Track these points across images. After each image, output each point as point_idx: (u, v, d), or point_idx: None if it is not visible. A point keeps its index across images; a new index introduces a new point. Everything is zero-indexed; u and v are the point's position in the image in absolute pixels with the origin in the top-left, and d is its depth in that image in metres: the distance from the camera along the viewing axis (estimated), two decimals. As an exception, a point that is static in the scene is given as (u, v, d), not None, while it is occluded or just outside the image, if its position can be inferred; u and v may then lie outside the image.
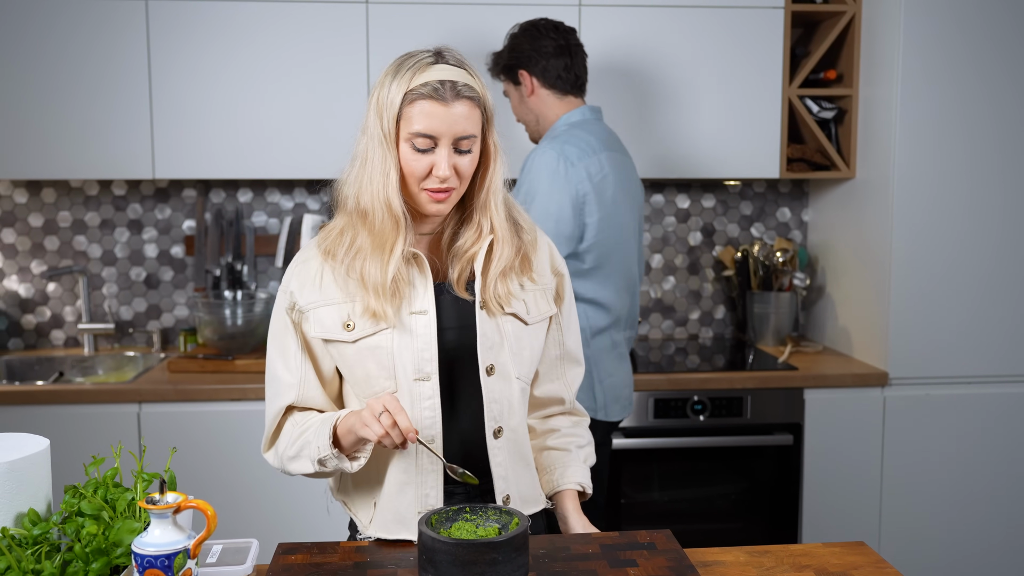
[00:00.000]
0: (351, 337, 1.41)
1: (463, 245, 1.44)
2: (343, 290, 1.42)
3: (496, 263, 1.43)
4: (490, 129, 1.42)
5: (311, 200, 3.13)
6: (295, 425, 1.45)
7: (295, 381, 1.44)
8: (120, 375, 2.97)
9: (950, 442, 2.77)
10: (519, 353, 1.46)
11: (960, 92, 2.68)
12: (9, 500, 1.20)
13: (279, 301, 1.47)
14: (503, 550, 1.21)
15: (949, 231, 2.72)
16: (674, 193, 3.26)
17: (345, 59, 2.73)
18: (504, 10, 2.75)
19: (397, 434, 1.30)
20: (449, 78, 1.35)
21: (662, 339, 3.29)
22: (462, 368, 1.44)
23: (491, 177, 1.43)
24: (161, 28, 2.69)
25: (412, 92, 1.35)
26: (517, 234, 1.48)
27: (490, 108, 1.41)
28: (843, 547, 1.48)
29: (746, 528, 2.78)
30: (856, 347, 2.93)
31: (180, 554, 1.13)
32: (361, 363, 1.42)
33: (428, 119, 1.34)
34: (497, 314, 1.44)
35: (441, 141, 1.36)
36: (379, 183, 1.37)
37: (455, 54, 1.40)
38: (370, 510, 1.47)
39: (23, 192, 3.05)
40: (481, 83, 1.40)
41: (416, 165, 1.36)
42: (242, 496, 2.55)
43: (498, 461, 1.45)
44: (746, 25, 2.84)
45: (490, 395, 1.44)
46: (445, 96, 1.34)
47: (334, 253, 1.43)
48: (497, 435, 1.45)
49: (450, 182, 1.37)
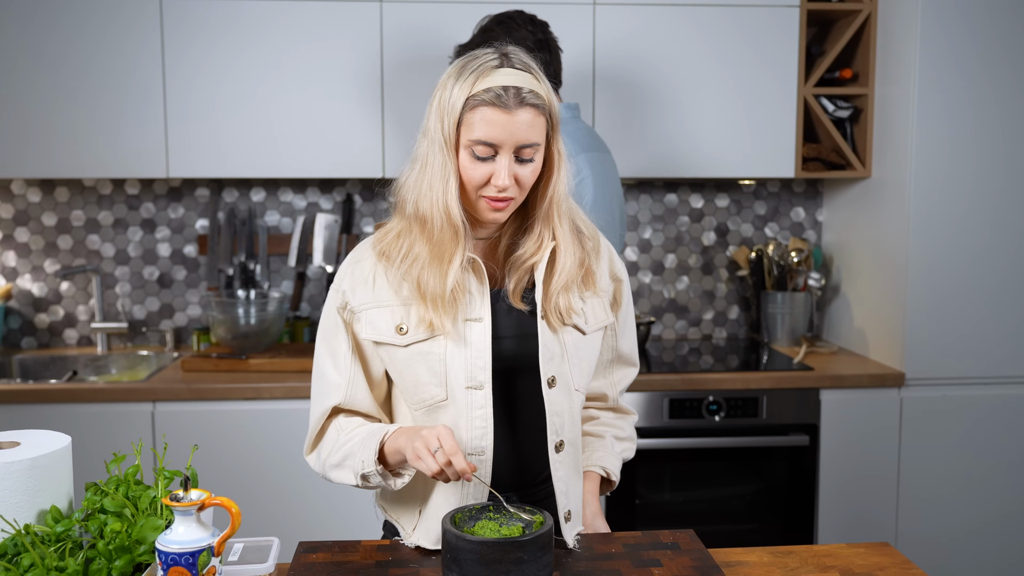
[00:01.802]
0: (403, 341, 1.37)
1: (523, 255, 1.39)
2: (397, 293, 1.39)
3: (558, 276, 1.38)
4: (555, 136, 1.35)
5: (324, 199, 3.13)
6: (340, 431, 1.41)
7: (343, 382, 1.41)
8: (133, 374, 2.97)
9: (967, 443, 2.76)
10: (579, 364, 1.43)
11: (977, 91, 2.66)
12: (31, 497, 1.20)
13: (330, 299, 1.44)
14: (529, 549, 1.20)
15: (966, 230, 2.71)
16: (688, 193, 3.25)
17: (359, 58, 2.72)
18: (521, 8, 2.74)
19: (452, 472, 1.25)
20: (513, 84, 1.29)
21: (675, 339, 3.27)
22: (520, 378, 1.41)
23: (554, 186, 1.37)
24: (175, 27, 2.68)
25: (474, 97, 1.29)
26: (580, 244, 1.43)
27: (556, 115, 1.35)
28: (868, 548, 1.46)
29: (762, 529, 2.76)
30: (872, 347, 2.91)
31: (204, 551, 1.12)
32: (412, 368, 1.38)
33: (489, 127, 1.28)
34: (558, 326, 1.40)
35: (502, 149, 1.30)
36: (439, 190, 1.32)
37: (522, 56, 1.34)
38: (414, 517, 1.44)
39: (37, 191, 3.05)
40: (548, 88, 1.33)
41: (475, 173, 1.31)
42: (257, 494, 2.55)
43: (559, 476, 1.41)
44: (761, 24, 2.83)
45: (552, 407, 1.39)
46: (508, 103, 1.28)
47: (389, 255, 1.39)
48: (559, 449, 1.41)
49: (510, 191, 1.32)
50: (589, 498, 1.52)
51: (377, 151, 2.76)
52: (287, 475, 2.54)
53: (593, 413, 1.61)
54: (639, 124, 2.82)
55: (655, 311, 3.28)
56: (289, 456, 2.53)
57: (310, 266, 3.09)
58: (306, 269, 3.09)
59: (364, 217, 3.13)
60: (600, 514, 1.52)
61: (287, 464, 2.54)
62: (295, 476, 2.54)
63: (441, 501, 1.40)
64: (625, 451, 1.61)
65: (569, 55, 2.78)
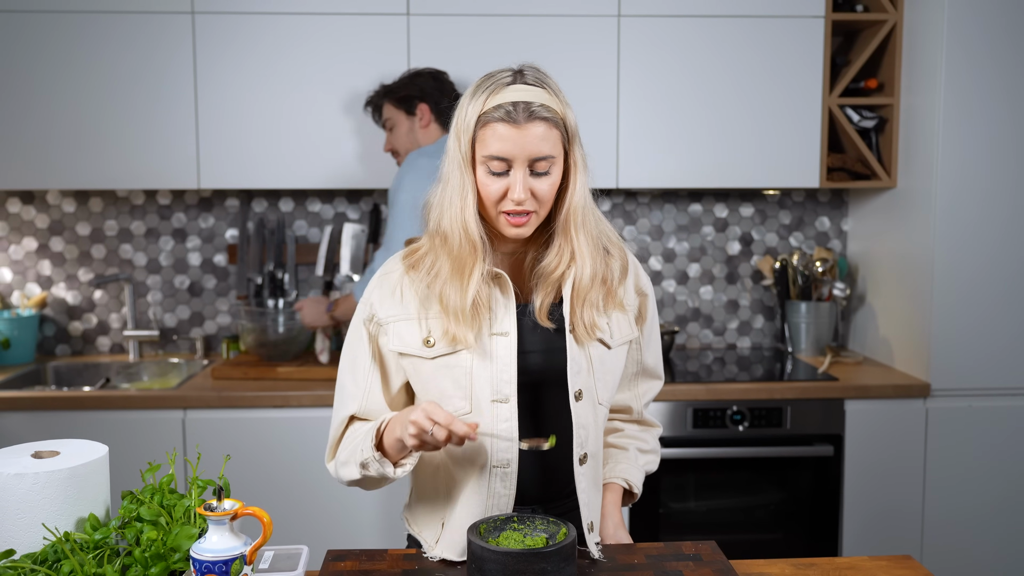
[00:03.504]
0: (430, 354, 1.40)
1: (545, 267, 1.40)
2: (424, 306, 1.41)
3: (577, 288, 1.39)
4: (572, 148, 1.37)
5: (351, 209, 3.17)
6: (352, 432, 1.45)
7: (359, 392, 1.45)
8: (164, 381, 3.02)
9: (994, 454, 2.74)
10: (603, 378, 1.45)
11: (1003, 100, 2.65)
12: (71, 505, 1.23)
13: (358, 312, 1.47)
14: (552, 560, 1.22)
15: (992, 240, 2.70)
16: (712, 202, 3.26)
17: (386, 70, 2.76)
18: (544, 21, 2.77)
19: (457, 440, 1.28)
20: (523, 99, 1.32)
21: (700, 348, 3.28)
22: (546, 392, 1.43)
23: (570, 197, 1.38)
24: (207, 42, 2.74)
25: (485, 114, 1.32)
26: (604, 261, 1.44)
27: (572, 126, 1.37)
28: (890, 560, 1.47)
29: (786, 539, 2.76)
30: (897, 358, 2.90)
31: (237, 560, 1.15)
32: (436, 380, 1.40)
33: (501, 142, 1.31)
34: (584, 340, 1.41)
35: (515, 164, 1.32)
36: (457, 206, 1.35)
37: (535, 73, 1.36)
38: (436, 529, 1.45)
39: (71, 201, 3.11)
40: (562, 101, 1.36)
41: (492, 188, 1.34)
42: (285, 501, 2.59)
43: (583, 487, 1.44)
44: (787, 35, 2.83)
45: (578, 420, 1.41)
46: (518, 118, 1.31)
47: (416, 269, 1.42)
48: (583, 461, 1.43)
49: (527, 205, 1.34)
50: (611, 509, 1.53)
51: (404, 162, 2.79)
52: (314, 483, 2.58)
53: (618, 425, 1.63)
54: (664, 135, 2.84)
55: (679, 320, 3.29)
56: (316, 464, 2.56)
57: (337, 275, 3.13)
58: (333, 278, 3.13)
59: (390, 227, 3.16)
60: (622, 525, 1.54)
61: (314, 472, 2.57)
62: (322, 484, 2.58)
63: (463, 512, 1.42)
64: (648, 464, 1.62)
65: (593, 66, 2.80)
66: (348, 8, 2.75)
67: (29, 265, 3.12)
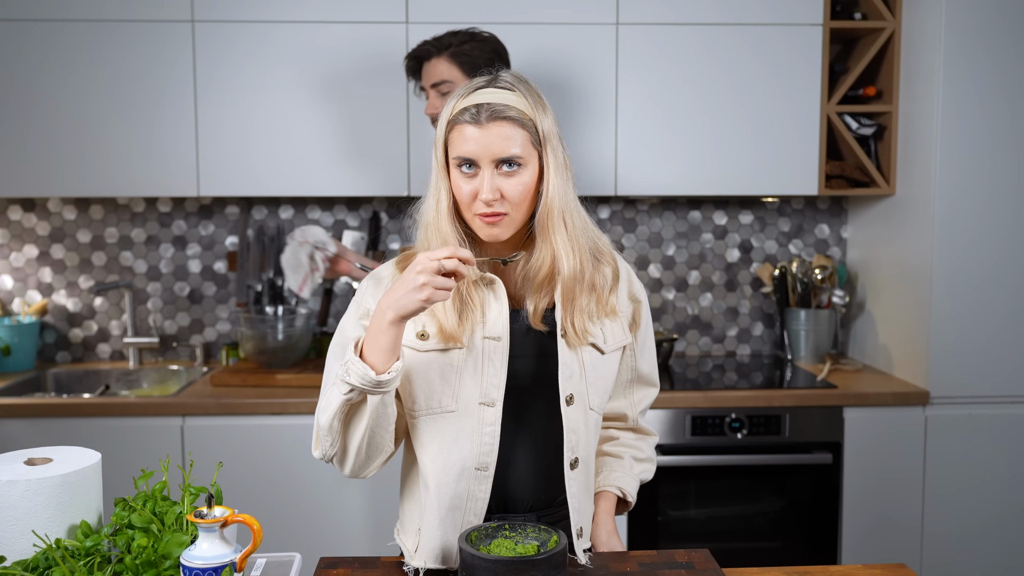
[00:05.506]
0: (423, 347, 1.40)
1: (530, 269, 1.41)
2: None
3: (564, 286, 1.40)
4: (544, 149, 1.38)
5: (351, 217, 3.18)
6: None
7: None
8: (164, 388, 3.03)
9: (993, 463, 2.73)
10: (595, 383, 1.45)
11: (1001, 108, 2.66)
12: (63, 512, 1.24)
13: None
14: (543, 567, 1.22)
15: (991, 247, 2.69)
16: (711, 210, 3.26)
17: (385, 79, 2.77)
18: (542, 29, 2.78)
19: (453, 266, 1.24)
20: (488, 100, 1.35)
21: (699, 356, 3.28)
22: (533, 397, 1.43)
23: (544, 197, 1.38)
24: (206, 51, 2.75)
25: (454, 117, 1.37)
26: (594, 267, 1.45)
27: (543, 127, 1.37)
28: (884, 569, 1.47)
29: (785, 547, 2.76)
30: (897, 365, 2.90)
31: (227, 567, 1.15)
32: (425, 373, 1.40)
33: (465, 143, 1.35)
34: (576, 344, 1.42)
35: (482, 164, 1.35)
36: (432, 208, 1.40)
37: (511, 77, 1.39)
38: (415, 536, 1.45)
39: (72, 209, 3.12)
40: (534, 104, 1.37)
41: (464, 190, 1.37)
42: (282, 509, 2.59)
43: (573, 492, 1.44)
44: (785, 42, 2.84)
45: (569, 425, 1.42)
46: (480, 119, 1.34)
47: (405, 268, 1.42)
48: (574, 466, 1.44)
49: (497, 206, 1.35)
50: (604, 518, 1.53)
51: (403, 170, 2.80)
52: (311, 490, 2.58)
53: (613, 433, 1.63)
54: (663, 142, 2.84)
55: (678, 328, 3.29)
56: (313, 471, 2.57)
57: (337, 282, 3.13)
58: (333, 285, 3.13)
59: (390, 234, 3.17)
60: (616, 533, 1.54)
61: (311, 479, 2.58)
62: (319, 491, 2.58)
63: (438, 517, 1.40)
64: (644, 472, 1.62)
65: (593, 74, 2.81)
66: (347, 16, 2.76)
67: (30, 272, 3.13)
